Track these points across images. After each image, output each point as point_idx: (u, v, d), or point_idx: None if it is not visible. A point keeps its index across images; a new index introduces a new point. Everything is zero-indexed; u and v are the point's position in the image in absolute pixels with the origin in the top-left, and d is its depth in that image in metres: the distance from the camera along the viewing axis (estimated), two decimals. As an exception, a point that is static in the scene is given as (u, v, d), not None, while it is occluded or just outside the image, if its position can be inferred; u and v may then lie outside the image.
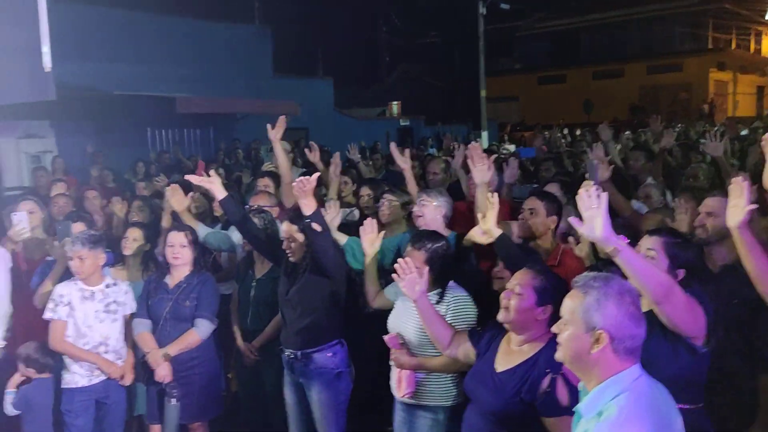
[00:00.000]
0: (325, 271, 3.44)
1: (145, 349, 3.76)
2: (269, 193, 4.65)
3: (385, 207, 4.09)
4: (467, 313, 3.11)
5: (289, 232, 3.54)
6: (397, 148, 4.96)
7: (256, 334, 3.93)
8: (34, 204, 4.67)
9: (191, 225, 4.18)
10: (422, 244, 3.14)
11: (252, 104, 14.52)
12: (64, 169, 9.78)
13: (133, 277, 4.19)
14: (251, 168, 10.68)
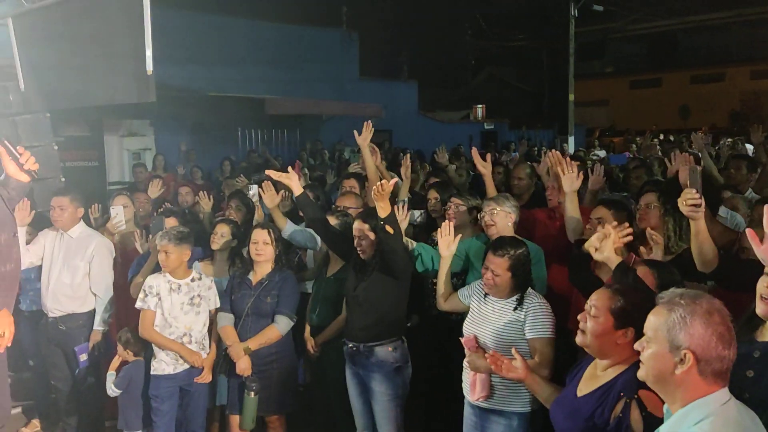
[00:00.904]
0: (393, 271, 3.53)
1: (227, 342, 3.90)
2: (355, 194, 4.72)
3: (452, 211, 4.11)
4: (545, 320, 3.08)
5: (361, 230, 3.64)
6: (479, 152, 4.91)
7: (321, 330, 4.04)
8: (128, 199, 4.97)
9: (280, 222, 4.32)
10: (504, 250, 3.14)
11: (338, 106, 14.79)
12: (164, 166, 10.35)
13: (220, 271, 4.36)
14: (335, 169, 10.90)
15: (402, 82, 19.77)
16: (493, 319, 3.17)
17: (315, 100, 14.54)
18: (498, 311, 3.18)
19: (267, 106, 12.43)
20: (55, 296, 4.36)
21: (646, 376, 1.82)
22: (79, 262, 4.39)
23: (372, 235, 3.59)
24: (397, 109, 16.89)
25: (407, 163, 5.11)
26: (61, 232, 4.45)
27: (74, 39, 5.01)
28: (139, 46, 4.33)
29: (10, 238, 2.83)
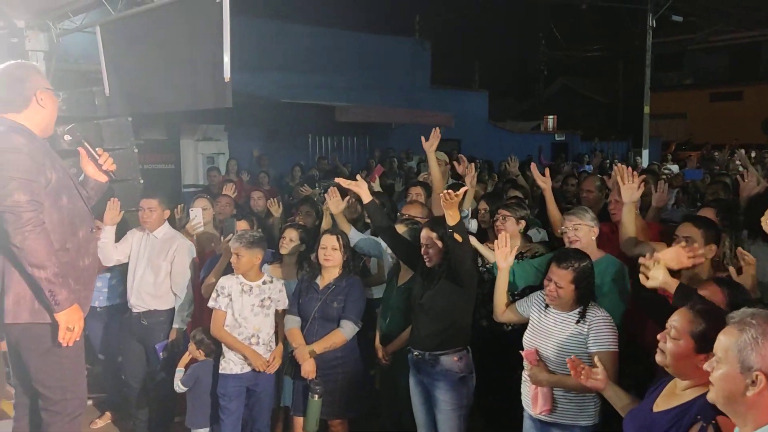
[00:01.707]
0: (460, 280, 3.50)
1: (293, 344, 3.95)
2: (421, 203, 4.70)
3: (500, 222, 4.08)
4: (609, 334, 3.02)
5: (429, 238, 3.61)
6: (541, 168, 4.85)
7: (391, 338, 4.03)
8: (207, 201, 5.11)
9: (344, 228, 4.35)
10: (568, 263, 3.10)
11: (408, 114, 14.82)
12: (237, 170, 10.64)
13: (288, 275, 4.42)
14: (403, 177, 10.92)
15: (473, 91, 19.66)
16: (554, 332, 3.13)
17: (385, 108, 14.63)
18: (560, 324, 3.14)
19: (337, 114, 12.58)
20: (139, 293, 4.53)
21: (716, 398, 1.77)
22: (162, 262, 4.54)
23: (440, 244, 3.57)
24: (467, 119, 16.80)
25: (472, 172, 5.06)
26: (147, 233, 4.61)
27: (156, 46, 5.22)
28: (218, 53, 4.47)
29: (88, 234, 2.93)
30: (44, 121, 2.85)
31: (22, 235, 2.55)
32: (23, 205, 2.57)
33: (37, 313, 2.72)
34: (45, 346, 2.75)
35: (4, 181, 2.59)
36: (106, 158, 3.05)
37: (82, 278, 2.87)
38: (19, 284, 2.70)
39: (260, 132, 13.35)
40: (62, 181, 2.81)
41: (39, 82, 2.84)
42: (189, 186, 12.34)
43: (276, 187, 9.65)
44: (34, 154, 2.68)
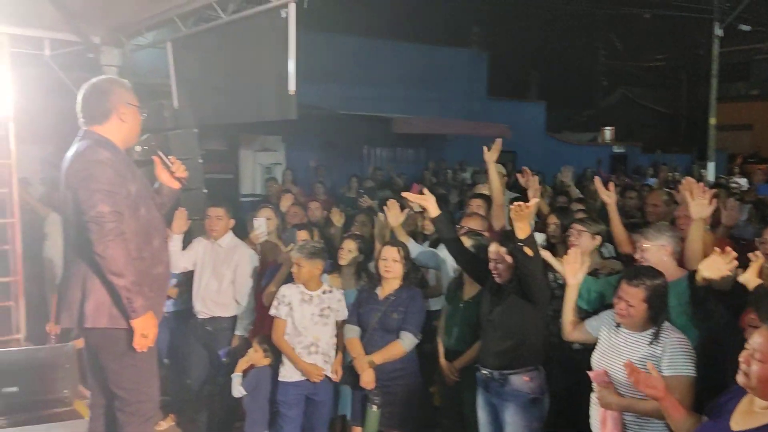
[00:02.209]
0: (531, 296, 3.41)
1: (352, 354, 3.98)
2: (481, 216, 4.67)
3: (574, 237, 3.92)
4: (685, 357, 2.87)
5: (498, 253, 3.55)
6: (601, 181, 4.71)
7: (458, 354, 3.95)
8: (271, 211, 5.21)
9: (403, 240, 4.36)
10: (639, 280, 2.96)
11: (464, 126, 14.77)
12: (292, 180, 10.81)
13: (346, 284, 4.46)
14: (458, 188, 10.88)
15: (530, 102, 19.45)
16: (625, 352, 2.99)
17: (442, 120, 14.61)
18: (631, 345, 3.00)
19: (394, 125, 12.65)
20: (203, 300, 4.65)
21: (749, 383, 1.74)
22: (226, 270, 4.65)
23: (509, 259, 3.49)
24: (524, 130, 16.61)
25: (535, 185, 4.99)
26: (212, 241, 4.73)
27: (224, 60, 5.40)
28: (283, 66, 4.60)
29: (162, 243, 3.03)
30: (125, 135, 2.95)
31: (104, 245, 2.66)
32: (106, 215, 2.67)
33: (114, 319, 2.81)
34: (121, 350, 2.85)
35: (90, 193, 2.69)
36: (179, 166, 3.15)
37: (155, 286, 2.96)
38: (100, 291, 2.80)
39: (317, 143, 13.52)
40: (141, 192, 2.91)
41: (122, 96, 2.93)
42: (247, 195, 12.62)
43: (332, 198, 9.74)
44: (117, 166, 2.78)
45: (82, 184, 2.72)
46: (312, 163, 13.01)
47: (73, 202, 2.77)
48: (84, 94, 2.93)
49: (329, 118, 12.42)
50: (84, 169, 2.74)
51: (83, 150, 2.79)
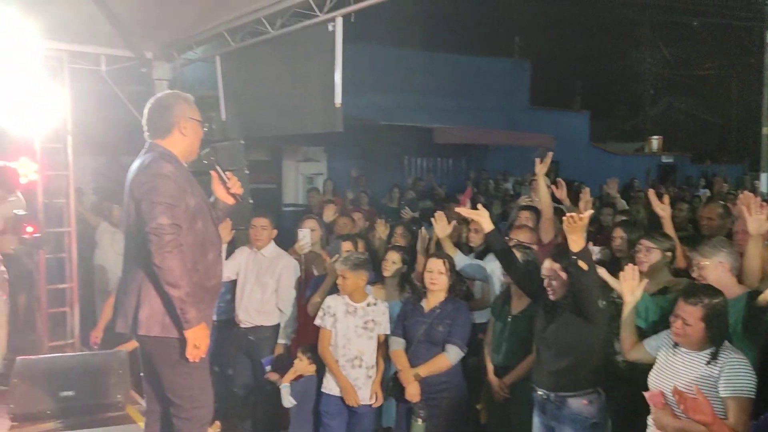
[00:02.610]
0: (587, 313, 3.30)
1: (398, 366, 3.97)
2: (530, 228, 4.64)
3: (642, 254, 3.73)
4: (744, 378, 2.77)
5: (552, 269, 3.47)
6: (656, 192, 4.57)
7: (507, 370, 3.89)
8: (315, 222, 5.27)
9: (450, 252, 4.35)
10: (697, 299, 2.87)
11: (506, 136, 14.69)
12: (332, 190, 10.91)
13: (390, 296, 4.48)
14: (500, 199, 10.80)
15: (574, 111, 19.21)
16: (682, 372, 2.90)
17: (483, 130, 14.56)
18: (688, 364, 2.91)
19: (436, 135, 12.65)
20: (246, 309, 4.72)
21: None
22: (269, 279, 4.71)
23: (564, 275, 3.40)
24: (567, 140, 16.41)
25: (587, 197, 4.92)
26: (255, 250, 4.80)
27: (271, 73, 5.50)
28: (329, 79, 4.67)
29: (216, 256, 3.09)
30: (186, 148, 3.01)
31: (162, 256, 2.74)
32: (165, 228, 2.74)
33: (167, 328, 2.88)
34: (174, 358, 2.92)
35: (152, 205, 2.77)
36: (235, 182, 3.20)
37: (206, 298, 3.01)
38: (154, 300, 2.87)
39: (358, 153, 13.62)
40: (199, 206, 2.97)
41: (184, 111, 2.99)
42: (289, 205, 12.78)
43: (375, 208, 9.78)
44: (179, 180, 2.85)
45: (145, 196, 2.79)
46: (353, 174, 13.11)
47: (135, 212, 2.85)
48: (149, 108, 3.02)
49: (370, 129, 12.50)
50: (148, 182, 2.82)
51: (148, 163, 2.87)
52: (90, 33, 5.92)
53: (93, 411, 4.18)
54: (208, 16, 5.56)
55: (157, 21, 5.75)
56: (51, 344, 6.05)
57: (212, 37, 5.98)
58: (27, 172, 5.74)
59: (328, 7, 4.69)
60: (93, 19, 5.34)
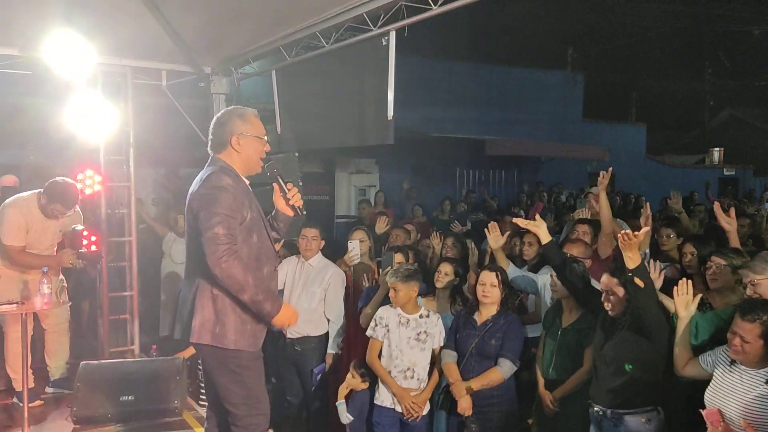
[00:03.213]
0: (645, 330, 3.24)
1: (450, 379, 3.95)
2: (585, 243, 4.55)
3: (713, 271, 3.60)
4: None
5: (609, 285, 3.40)
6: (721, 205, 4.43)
7: (557, 383, 3.83)
8: (364, 233, 5.31)
9: (503, 264, 4.32)
10: (755, 315, 2.79)
11: (559, 148, 14.52)
12: (384, 202, 10.96)
13: (441, 308, 4.45)
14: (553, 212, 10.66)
15: (628, 124, 18.83)
16: (739, 391, 2.82)
17: (536, 142, 14.44)
18: (746, 382, 2.82)
19: (488, 147, 12.59)
20: None
21: None
22: (317, 289, 4.76)
23: (621, 291, 3.34)
24: (622, 152, 16.10)
25: (647, 211, 4.80)
26: (302, 261, 4.86)
27: (325, 87, 5.60)
28: (383, 92, 4.72)
29: (271, 271, 3.12)
30: (242, 163, 3.04)
31: (219, 267, 2.80)
32: (221, 237, 2.80)
33: (217, 338, 2.92)
34: (227, 367, 2.98)
35: (210, 215, 2.83)
36: (294, 194, 3.21)
37: None
38: (207, 308, 2.93)
39: (409, 165, 13.66)
40: (255, 220, 3.00)
41: (237, 128, 3.02)
42: (341, 217, 12.90)
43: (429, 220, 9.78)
44: (236, 193, 2.90)
45: (203, 207, 2.86)
46: (405, 186, 13.14)
47: (194, 223, 2.92)
48: (211, 124, 3.12)
49: (422, 141, 12.54)
50: (206, 194, 2.88)
51: (208, 175, 2.94)
52: (152, 50, 6.16)
53: (151, 416, 4.29)
54: (265, 32, 5.70)
55: (216, 37, 5.93)
56: (112, 350, 6.26)
57: (268, 52, 6.12)
58: (92, 184, 5.99)
59: (382, 21, 4.75)
60: (156, 37, 5.55)
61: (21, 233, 4.74)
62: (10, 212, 4.78)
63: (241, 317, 2.96)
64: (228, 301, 2.93)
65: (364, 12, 4.74)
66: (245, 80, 6.98)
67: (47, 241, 4.98)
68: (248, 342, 2.99)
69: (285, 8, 5.06)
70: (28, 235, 4.80)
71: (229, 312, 2.94)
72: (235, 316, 2.95)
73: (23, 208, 4.79)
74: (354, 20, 4.92)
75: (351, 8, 4.82)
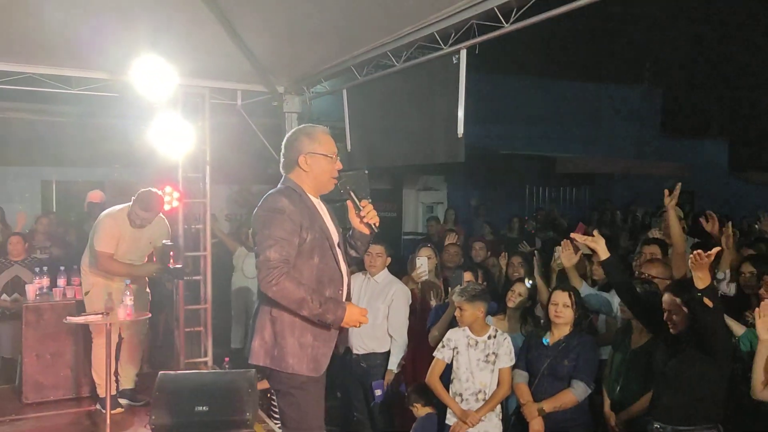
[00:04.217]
0: (710, 350, 3.18)
1: (521, 400, 3.89)
2: (663, 262, 4.39)
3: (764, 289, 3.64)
4: None
5: (673, 303, 3.33)
6: None
7: (623, 405, 3.75)
8: (431, 250, 5.30)
9: (576, 283, 4.24)
10: None
11: (634, 165, 14.07)
12: (454, 219, 10.91)
13: (512, 328, 4.41)
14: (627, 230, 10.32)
15: (710, 139, 18.07)
16: None
17: (610, 158, 14.04)
18: None
19: (558, 165, 12.36)
20: (359, 335, 4.75)
21: None
22: (381, 305, 4.76)
23: (685, 310, 3.27)
24: (703, 169, 15.44)
25: (729, 231, 4.59)
26: (367, 276, 4.89)
27: (395, 104, 5.65)
28: (452, 110, 4.72)
29: (335, 293, 3.00)
30: (312, 182, 2.98)
31: (271, 290, 2.75)
32: (272, 261, 2.75)
33: (275, 361, 2.89)
34: (284, 389, 2.95)
35: (263, 238, 2.80)
36: (369, 211, 3.07)
37: (321, 336, 2.95)
38: (265, 330, 2.91)
39: (478, 182, 13.56)
40: (317, 241, 2.92)
41: (305, 146, 2.97)
42: (408, 233, 12.91)
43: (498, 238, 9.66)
44: (294, 216, 2.83)
45: (259, 229, 2.84)
46: (473, 203, 13.04)
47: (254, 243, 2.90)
48: (283, 144, 3.10)
49: (491, 158, 12.43)
50: (263, 216, 2.85)
51: (266, 197, 2.92)
52: (229, 71, 6.40)
53: (224, 427, 4.37)
54: (336, 52, 5.82)
55: (289, 58, 6.10)
56: (186, 361, 6.46)
57: (340, 72, 6.24)
58: (171, 200, 6.24)
59: (452, 39, 4.76)
60: (232, 58, 5.76)
61: (112, 241, 4.97)
62: (104, 221, 5.04)
63: (300, 341, 2.89)
64: (287, 324, 2.87)
65: (435, 31, 4.77)
66: (316, 99, 7.12)
67: (138, 251, 5.20)
68: (308, 366, 2.91)
69: (357, 28, 5.15)
70: (120, 245, 5.03)
71: (287, 335, 2.88)
72: (293, 339, 2.88)
73: (117, 219, 5.04)
74: (425, 39, 4.95)
75: (422, 27, 4.85)
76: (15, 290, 6.09)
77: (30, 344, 5.26)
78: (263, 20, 5.05)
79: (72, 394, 5.31)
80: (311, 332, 2.90)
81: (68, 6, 4.60)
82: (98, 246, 4.94)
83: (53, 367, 5.29)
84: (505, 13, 4.31)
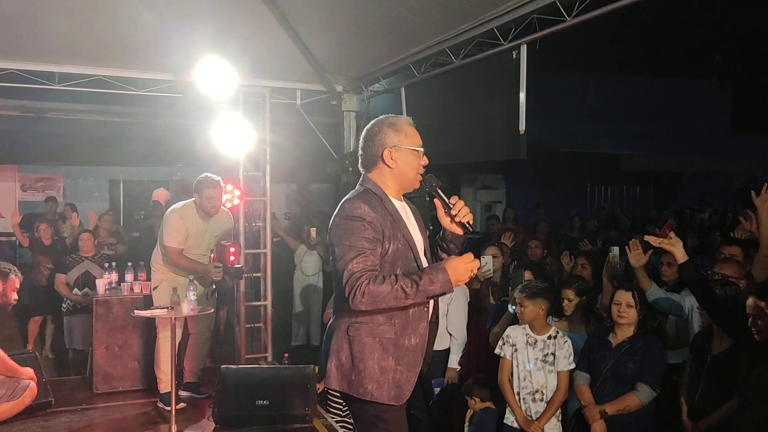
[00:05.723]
0: None
1: (582, 402, 3.81)
2: (738, 262, 4.20)
3: None
4: None
5: (757, 307, 3.15)
6: None
7: (703, 413, 3.58)
8: (498, 249, 5.24)
9: (645, 284, 4.11)
10: None
11: (701, 162, 13.54)
12: (513, 218, 10.75)
13: (574, 328, 4.31)
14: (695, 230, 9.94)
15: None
16: None
17: (676, 156, 13.56)
18: None
19: (623, 163, 12.02)
20: None
21: None
22: (440, 304, 4.74)
23: None
24: (776, 167, 14.75)
25: None
26: None
27: (454, 102, 5.61)
28: (513, 106, 4.65)
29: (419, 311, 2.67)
30: (396, 181, 2.66)
31: (362, 305, 2.43)
32: (356, 273, 2.44)
33: (354, 386, 2.57)
34: (362, 418, 2.66)
35: (344, 250, 2.49)
36: (459, 209, 2.70)
37: (404, 359, 2.60)
38: (342, 352, 2.60)
39: (538, 180, 13.33)
40: (400, 252, 2.59)
41: (389, 139, 2.64)
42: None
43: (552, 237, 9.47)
44: (374, 223, 2.52)
45: (337, 240, 2.53)
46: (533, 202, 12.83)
47: (332, 255, 2.59)
48: (361, 138, 2.75)
49: (552, 156, 12.19)
50: (341, 225, 2.54)
51: (343, 203, 2.60)
52: (288, 70, 6.49)
53: (283, 421, 4.45)
54: (394, 50, 5.82)
55: (347, 57, 6.15)
56: (247, 356, 6.59)
57: (399, 70, 6.24)
58: (232, 198, 6.38)
59: (512, 35, 4.69)
60: (292, 58, 5.85)
61: (180, 236, 5.11)
62: (172, 216, 5.18)
63: (381, 364, 2.54)
64: (367, 344, 2.55)
65: (495, 27, 4.70)
66: (374, 97, 7.14)
67: (205, 245, 5.32)
68: (389, 394, 2.54)
69: (414, 26, 5.14)
70: (188, 239, 5.17)
71: (366, 357, 2.55)
72: (374, 362, 2.54)
73: (183, 214, 5.17)
74: (484, 35, 4.89)
75: (481, 23, 4.79)
76: (85, 285, 6.37)
77: (100, 337, 5.46)
78: (322, 20, 5.10)
79: (139, 386, 5.48)
80: (393, 355, 2.57)
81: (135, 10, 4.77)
82: (167, 242, 5.09)
83: (121, 359, 5.48)
84: (567, 6, 4.22)
